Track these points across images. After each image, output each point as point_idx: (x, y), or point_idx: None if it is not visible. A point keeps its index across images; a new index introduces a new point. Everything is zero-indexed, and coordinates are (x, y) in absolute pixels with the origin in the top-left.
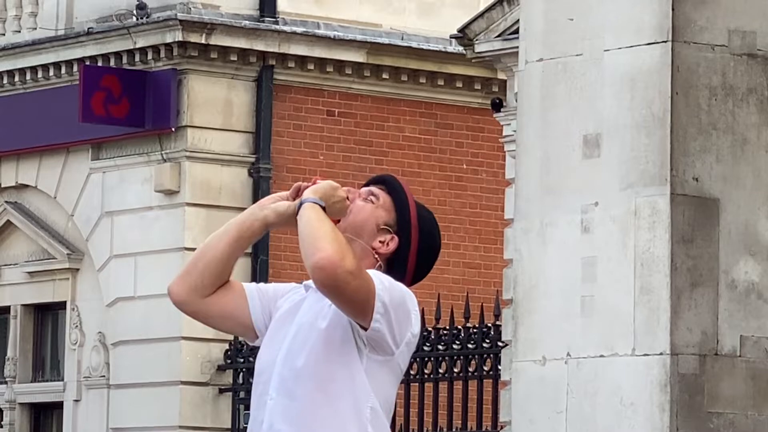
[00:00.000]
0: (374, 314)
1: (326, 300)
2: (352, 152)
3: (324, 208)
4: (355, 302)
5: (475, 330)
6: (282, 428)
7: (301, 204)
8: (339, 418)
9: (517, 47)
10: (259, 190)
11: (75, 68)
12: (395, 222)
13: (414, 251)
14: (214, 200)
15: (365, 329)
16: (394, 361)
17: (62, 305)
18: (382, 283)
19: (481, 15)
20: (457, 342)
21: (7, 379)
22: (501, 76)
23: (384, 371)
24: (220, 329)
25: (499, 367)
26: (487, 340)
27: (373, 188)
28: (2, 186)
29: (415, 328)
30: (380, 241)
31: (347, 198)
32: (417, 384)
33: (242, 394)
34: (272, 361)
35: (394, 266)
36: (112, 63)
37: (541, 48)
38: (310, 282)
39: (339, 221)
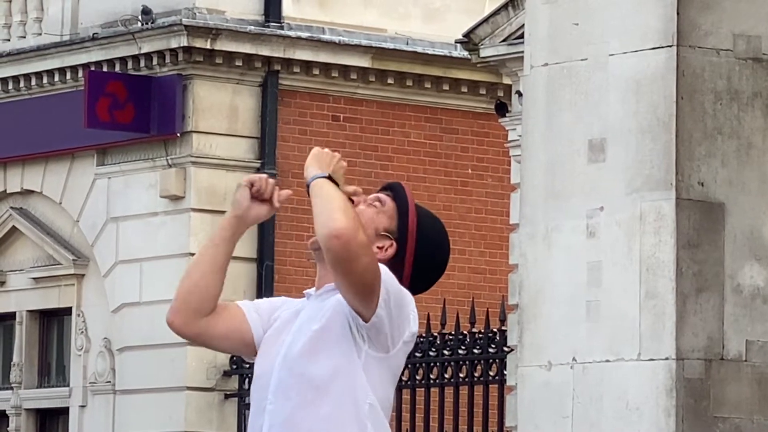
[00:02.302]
0: (379, 300)
1: (325, 304)
2: (357, 157)
3: (332, 179)
4: (363, 282)
5: (480, 335)
6: (281, 430)
7: (310, 181)
8: (337, 415)
9: (522, 52)
10: None
11: (80, 74)
12: (396, 229)
13: (410, 259)
14: (220, 206)
15: (367, 320)
16: (391, 359)
17: (68, 311)
18: (386, 272)
19: (486, 20)
20: (463, 347)
21: (12, 385)
22: (506, 80)
23: (382, 368)
24: (221, 350)
25: (505, 373)
26: (493, 345)
27: (381, 194)
28: (7, 192)
29: (414, 326)
30: (378, 247)
31: (352, 200)
32: (422, 389)
33: (248, 400)
34: (270, 366)
35: (419, 279)
36: (117, 68)
37: (546, 53)
38: (311, 290)
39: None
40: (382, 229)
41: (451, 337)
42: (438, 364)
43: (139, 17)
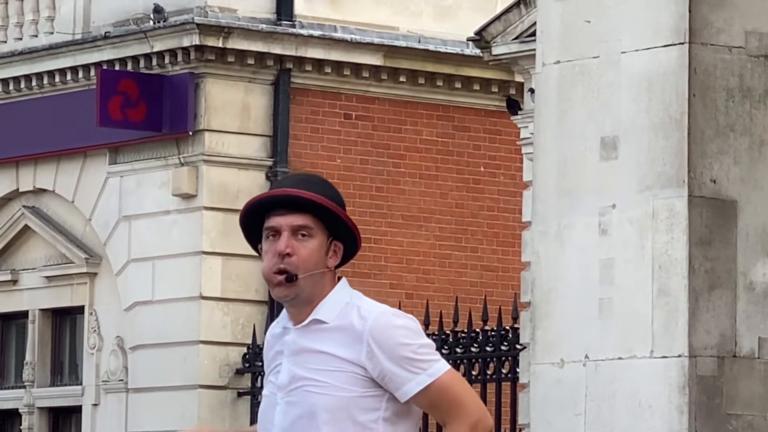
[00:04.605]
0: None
1: (312, 360)
2: (369, 155)
3: None
4: None
5: (493, 333)
6: None
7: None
8: None
9: (535, 50)
10: None
11: (92, 72)
12: (326, 230)
13: (354, 225)
14: (232, 204)
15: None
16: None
17: (80, 309)
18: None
19: (498, 17)
20: (476, 345)
21: (25, 384)
22: (518, 78)
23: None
24: None
25: (518, 370)
26: (506, 343)
27: (296, 219)
28: (20, 190)
29: None
30: (331, 258)
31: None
32: None
33: (261, 398)
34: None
35: (348, 255)
36: (129, 67)
37: (558, 50)
38: (287, 323)
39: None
40: (325, 245)
41: (463, 334)
42: (450, 361)
43: (151, 16)
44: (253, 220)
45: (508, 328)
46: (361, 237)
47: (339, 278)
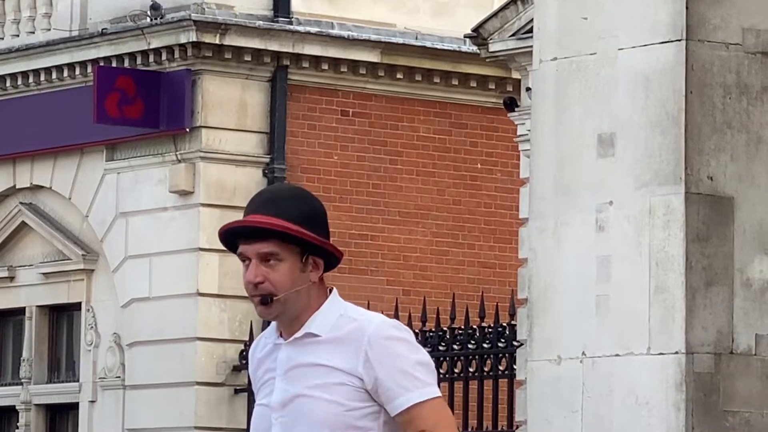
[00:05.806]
0: None
1: (305, 379)
2: (366, 152)
3: None
4: None
5: (490, 329)
6: None
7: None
8: None
9: (531, 46)
10: None
11: (89, 69)
12: (300, 250)
13: (326, 242)
14: (229, 201)
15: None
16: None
17: (77, 306)
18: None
19: (495, 14)
20: (473, 342)
21: (22, 380)
22: (515, 75)
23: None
24: None
25: (515, 367)
26: (503, 340)
27: (262, 247)
28: (17, 187)
29: None
30: (311, 272)
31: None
32: None
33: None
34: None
35: (329, 266)
36: (126, 64)
37: (555, 47)
38: (278, 339)
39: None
40: (300, 264)
41: (460, 331)
42: (448, 358)
43: (148, 12)
44: (232, 240)
45: (505, 324)
46: (338, 249)
47: (330, 289)
